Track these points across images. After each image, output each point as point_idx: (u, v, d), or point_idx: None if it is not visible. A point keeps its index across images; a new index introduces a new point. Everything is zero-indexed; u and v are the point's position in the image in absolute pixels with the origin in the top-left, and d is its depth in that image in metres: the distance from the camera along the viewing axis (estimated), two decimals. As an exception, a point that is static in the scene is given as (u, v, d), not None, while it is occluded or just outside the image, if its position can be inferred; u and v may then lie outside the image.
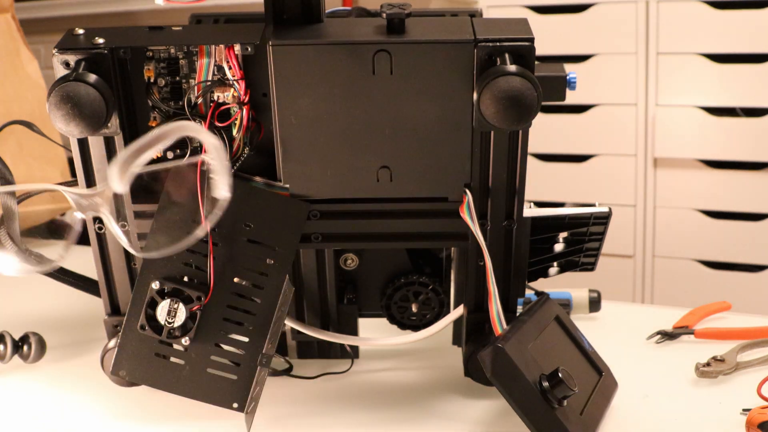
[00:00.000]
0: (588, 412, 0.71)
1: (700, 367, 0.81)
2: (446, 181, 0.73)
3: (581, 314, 0.99)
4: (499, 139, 0.71)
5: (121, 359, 0.72)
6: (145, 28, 0.72)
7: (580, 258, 0.83)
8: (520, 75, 0.66)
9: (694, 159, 1.92)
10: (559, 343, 0.76)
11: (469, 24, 0.70)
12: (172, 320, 0.71)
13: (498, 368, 0.67)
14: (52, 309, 1.02)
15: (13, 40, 1.37)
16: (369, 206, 0.74)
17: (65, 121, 0.66)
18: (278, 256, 0.72)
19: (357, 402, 0.80)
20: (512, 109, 0.66)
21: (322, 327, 0.85)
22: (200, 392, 0.72)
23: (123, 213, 0.75)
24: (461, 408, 0.78)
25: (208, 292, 0.71)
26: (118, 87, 0.70)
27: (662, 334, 0.92)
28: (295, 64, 0.69)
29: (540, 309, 0.77)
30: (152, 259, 0.71)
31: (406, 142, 0.71)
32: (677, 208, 1.95)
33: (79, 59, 0.69)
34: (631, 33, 1.89)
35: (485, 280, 0.74)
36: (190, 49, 0.71)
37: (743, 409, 0.73)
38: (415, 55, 0.68)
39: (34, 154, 1.46)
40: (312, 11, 0.72)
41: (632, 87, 1.92)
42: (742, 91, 1.84)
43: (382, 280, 0.84)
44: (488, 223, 0.75)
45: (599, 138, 1.98)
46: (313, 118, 0.70)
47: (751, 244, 1.89)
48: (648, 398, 0.78)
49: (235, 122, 0.71)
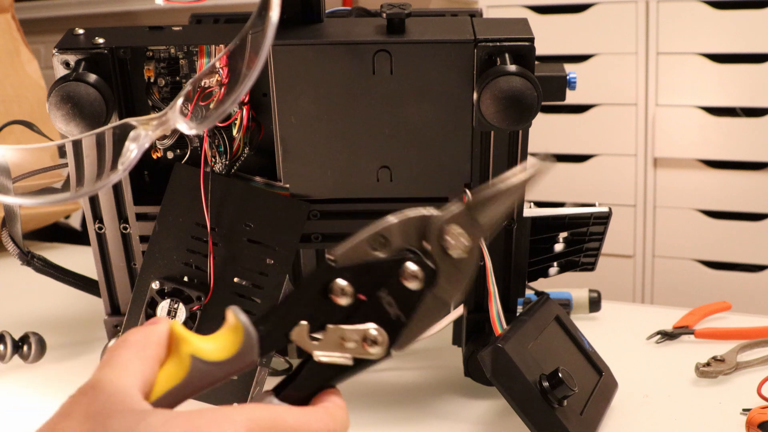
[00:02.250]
0: (588, 412, 0.71)
1: (700, 367, 0.81)
2: (446, 181, 0.73)
3: (581, 314, 0.99)
4: (499, 139, 0.71)
5: (121, 359, 0.72)
6: (145, 28, 0.73)
7: (580, 258, 0.83)
8: (520, 75, 0.66)
9: (694, 159, 1.92)
10: (559, 343, 0.76)
11: (469, 24, 0.70)
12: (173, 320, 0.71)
13: (498, 368, 0.67)
14: (52, 309, 1.02)
15: (13, 40, 1.37)
16: (369, 206, 0.74)
17: (65, 121, 0.66)
18: (278, 256, 0.72)
19: (357, 402, 0.80)
20: (512, 109, 0.66)
21: (322, 327, 0.85)
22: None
23: (125, 214, 0.76)
24: (461, 408, 0.78)
25: (208, 292, 0.71)
26: (118, 87, 0.70)
27: (662, 334, 0.91)
28: (295, 64, 0.69)
29: (540, 309, 0.77)
30: (152, 259, 0.71)
31: (406, 142, 0.71)
32: (677, 208, 1.95)
33: (79, 59, 0.69)
34: (631, 33, 1.89)
35: (485, 280, 0.74)
36: (190, 49, 0.71)
37: (743, 409, 0.73)
38: (415, 55, 0.68)
39: (34, 154, 1.46)
40: (312, 11, 0.72)
41: (632, 87, 1.91)
42: (742, 91, 1.84)
43: (382, 280, 0.84)
44: (488, 223, 0.75)
45: (599, 138, 1.98)
46: (313, 118, 0.70)
47: (751, 244, 1.89)
48: (648, 398, 0.78)
49: (235, 122, 0.71)
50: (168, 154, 0.74)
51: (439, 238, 0.47)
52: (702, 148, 1.90)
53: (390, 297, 0.47)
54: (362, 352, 0.46)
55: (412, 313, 0.47)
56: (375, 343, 0.46)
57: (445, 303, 0.48)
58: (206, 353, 0.44)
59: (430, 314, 0.48)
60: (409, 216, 0.47)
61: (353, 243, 0.47)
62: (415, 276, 0.47)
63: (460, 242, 0.47)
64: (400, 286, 0.47)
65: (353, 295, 0.46)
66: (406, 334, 0.47)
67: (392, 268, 0.47)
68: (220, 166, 0.72)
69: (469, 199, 0.47)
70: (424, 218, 0.48)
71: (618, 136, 1.96)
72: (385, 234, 0.47)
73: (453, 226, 0.47)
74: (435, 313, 0.48)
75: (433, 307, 0.48)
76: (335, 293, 0.46)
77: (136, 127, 0.55)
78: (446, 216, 0.47)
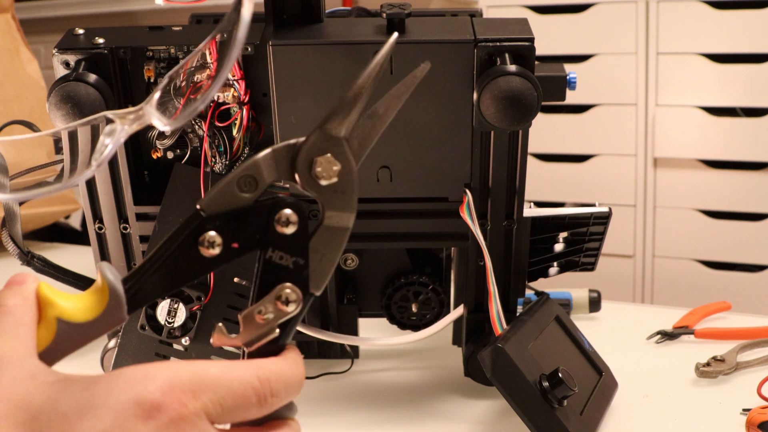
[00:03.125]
0: (588, 412, 0.71)
1: (700, 367, 0.81)
2: (446, 181, 0.73)
3: (581, 314, 0.99)
4: (499, 139, 0.71)
5: (121, 359, 0.72)
6: (145, 28, 0.73)
7: (580, 258, 0.83)
8: (520, 75, 0.66)
9: (694, 159, 1.92)
10: (559, 343, 0.76)
11: (469, 24, 0.70)
12: (172, 320, 0.71)
13: (498, 368, 0.67)
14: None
15: (13, 40, 1.37)
16: (369, 206, 0.74)
17: (65, 121, 0.66)
18: (278, 256, 0.72)
19: (357, 402, 0.80)
20: (512, 109, 0.66)
21: (322, 327, 0.85)
22: (200, 392, 0.72)
23: (125, 214, 0.76)
24: (461, 408, 0.78)
25: (208, 291, 0.71)
26: (118, 87, 0.70)
27: (662, 334, 0.92)
28: (295, 64, 0.69)
29: (540, 309, 0.77)
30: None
31: (406, 142, 0.71)
32: (677, 208, 1.95)
33: (79, 59, 0.69)
34: (631, 33, 1.89)
35: (485, 280, 0.74)
36: (190, 49, 0.71)
37: (743, 409, 0.73)
38: (415, 55, 0.68)
39: (34, 154, 1.46)
40: (312, 11, 0.72)
41: (632, 87, 1.91)
42: (742, 91, 1.84)
43: (382, 280, 0.84)
44: (488, 223, 0.75)
45: (599, 138, 1.98)
46: (313, 118, 0.70)
47: (751, 244, 1.89)
48: (648, 398, 0.78)
49: (235, 122, 0.71)
50: (168, 154, 0.74)
51: (310, 169, 0.46)
52: (702, 148, 1.90)
53: (278, 251, 0.45)
54: (284, 314, 0.46)
55: (308, 253, 0.46)
56: (289, 301, 0.46)
57: (342, 229, 0.47)
58: (72, 314, 0.43)
59: (333, 245, 0.46)
60: (274, 148, 0.46)
61: (219, 187, 0.45)
62: (290, 221, 0.45)
63: (329, 169, 0.46)
64: (279, 235, 0.45)
65: (223, 245, 0.45)
66: (315, 274, 0.46)
67: (264, 213, 0.45)
68: (220, 166, 0.71)
69: (327, 124, 0.46)
70: (289, 148, 0.46)
71: (618, 136, 1.96)
72: (253, 173, 0.45)
73: (319, 157, 0.46)
74: (337, 242, 0.46)
75: (332, 237, 0.46)
76: (204, 245, 0.45)
77: (114, 121, 0.55)
78: (308, 144, 0.46)
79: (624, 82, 1.92)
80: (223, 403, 0.42)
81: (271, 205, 0.45)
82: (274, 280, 0.46)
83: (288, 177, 0.46)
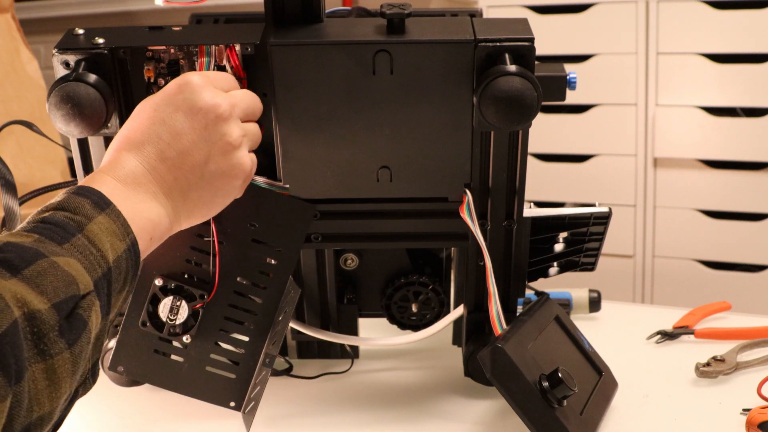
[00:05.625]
0: (588, 412, 0.71)
1: (700, 367, 0.81)
2: (446, 181, 0.73)
3: (581, 314, 0.99)
4: (499, 139, 0.71)
5: (119, 355, 0.72)
6: (145, 28, 0.72)
7: (580, 258, 0.83)
8: (520, 75, 0.66)
9: (694, 159, 1.92)
10: (559, 343, 0.76)
11: (469, 24, 0.70)
12: (174, 317, 0.71)
13: (498, 368, 0.67)
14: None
15: (13, 40, 1.37)
16: (369, 206, 0.74)
17: (65, 121, 0.66)
18: (282, 256, 0.72)
19: (357, 402, 0.80)
20: (512, 109, 0.66)
21: (322, 327, 0.85)
22: (198, 390, 0.72)
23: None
24: (461, 408, 0.78)
25: (211, 290, 0.71)
26: (118, 87, 0.70)
27: (662, 334, 0.92)
28: (295, 64, 0.69)
29: (540, 309, 0.77)
30: (155, 256, 0.71)
31: (406, 142, 0.71)
32: (677, 208, 1.95)
33: (79, 59, 0.69)
34: (631, 33, 1.89)
35: (485, 280, 0.74)
36: (190, 49, 0.71)
37: (743, 409, 0.73)
38: (416, 55, 0.68)
39: (34, 154, 1.46)
40: (312, 11, 0.72)
41: (632, 87, 1.91)
42: (742, 91, 1.84)
43: (382, 280, 0.84)
44: (488, 223, 0.75)
45: (599, 138, 1.98)
46: (313, 118, 0.70)
47: (751, 244, 1.89)
48: (648, 398, 0.78)
49: (235, 122, 0.71)
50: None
51: None
52: (702, 148, 1.90)
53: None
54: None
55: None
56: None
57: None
58: None
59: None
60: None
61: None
62: None
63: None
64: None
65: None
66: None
67: None
68: (220, 166, 0.71)
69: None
70: None
71: (618, 136, 1.96)
72: None
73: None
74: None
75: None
76: None
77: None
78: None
79: (624, 82, 1.92)
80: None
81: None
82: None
83: None
